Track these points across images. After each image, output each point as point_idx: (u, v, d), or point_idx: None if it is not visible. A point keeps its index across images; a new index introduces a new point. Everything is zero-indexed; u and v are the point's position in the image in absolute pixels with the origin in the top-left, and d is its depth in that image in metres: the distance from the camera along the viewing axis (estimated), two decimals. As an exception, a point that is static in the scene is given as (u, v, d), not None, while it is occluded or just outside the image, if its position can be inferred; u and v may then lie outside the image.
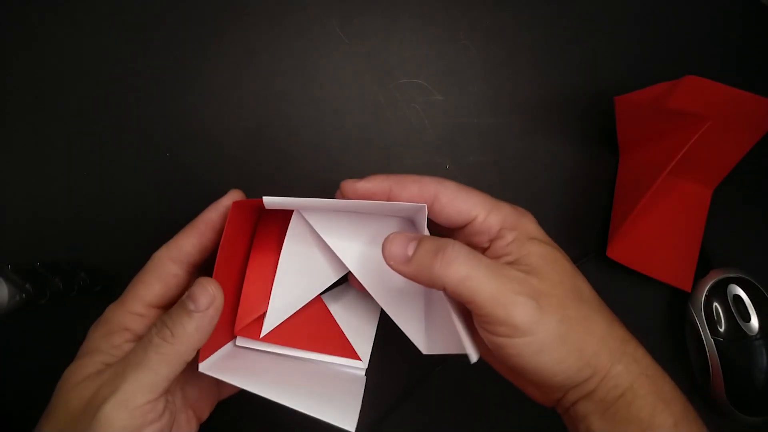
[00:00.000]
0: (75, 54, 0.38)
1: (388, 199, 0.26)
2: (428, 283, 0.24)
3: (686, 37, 0.40)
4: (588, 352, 0.24)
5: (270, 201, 0.25)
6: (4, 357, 0.36)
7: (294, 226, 0.28)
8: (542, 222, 0.38)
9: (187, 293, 0.24)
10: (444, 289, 0.24)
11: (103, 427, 0.22)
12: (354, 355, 0.30)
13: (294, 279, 0.29)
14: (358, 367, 0.30)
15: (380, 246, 0.26)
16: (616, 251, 0.36)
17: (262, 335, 0.28)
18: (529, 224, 0.26)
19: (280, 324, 0.29)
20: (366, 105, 0.38)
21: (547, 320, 0.23)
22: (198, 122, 0.38)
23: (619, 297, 0.37)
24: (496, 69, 0.39)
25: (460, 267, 0.23)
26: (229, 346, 0.28)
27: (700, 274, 0.36)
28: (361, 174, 0.38)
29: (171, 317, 0.23)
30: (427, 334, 0.28)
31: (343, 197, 0.27)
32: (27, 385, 0.32)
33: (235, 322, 0.28)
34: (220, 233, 0.27)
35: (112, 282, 0.36)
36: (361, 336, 0.31)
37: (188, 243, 0.26)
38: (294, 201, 0.26)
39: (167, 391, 0.24)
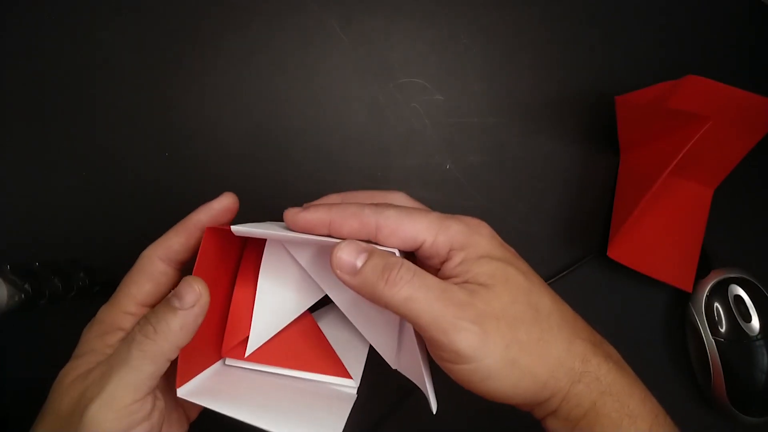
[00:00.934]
0: (75, 54, 0.38)
1: (328, 234, 0.25)
2: (371, 299, 0.23)
3: (687, 37, 0.40)
4: (542, 376, 0.23)
5: (237, 229, 0.25)
6: (2, 357, 0.36)
7: (270, 248, 0.28)
8: (542, 222, 0.39)
9: (173, 291, 0.23)
10: (387, 308, 0.23)
11: (90, 428, 0.21)
12: (345, 374, 0.29)
13: (274, 299, 0.28)
14: (349, 386, 0.29)
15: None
16: (617, 251, 0.36)
17: (246, 355, 0.28)
18: (481, 240, 0.25)
19: (271, 343, 0.29)
20: (366, 105, 0.38)
21: (492, 346, 0.22)
22: (197, 122, 0.38)
23: (619, 297, 0.38)
24: (496, 69, 0.39)
25: (403, 288, 0.22)
26: (218, 365, 0.28)
27: (701, 274, 0.36)
28: (361, 173, 0.38)
29: (155, 314, 0.23)
30: (398, 356, 0.28)
31: (292, 227, 0.26)
32: (26, 386, 0.32)
33: (222, 344, 0.28)
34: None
35: (111, 282, 0.36)
36: (354, 354, 0.31)
37: (176, 242, 0.26)
38: (259, 231, 0.25)
39: (155, 390, 0.24)
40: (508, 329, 0.23)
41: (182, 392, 0.25)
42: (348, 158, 0.38)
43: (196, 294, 0.23)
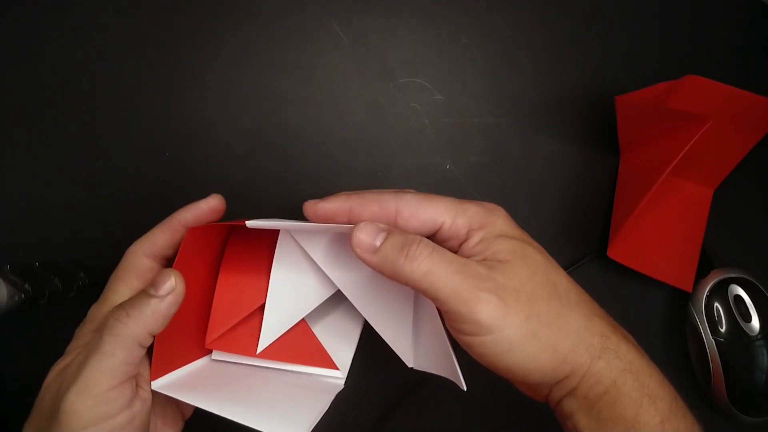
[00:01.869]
0: (75, 54, 0.38)
1: (350, 221, 0.26)
2: (392, 276, 0.24)
3: (687, 37, 0.40)
4: (563, 350, 0.23)
5: (252, 224, 0.26)
6: (2, 357, 0.36)
7: (282, 244, 0.28)
8: (543, 222, 0.39)
9: (150, 281, 0.24)
10: (407, 284, 0.24)
11: (68, 417, 0.21)
12: (331, 365, 0.30)
13: (287, 295, 0.29)
14: (336, 377, 0.30)
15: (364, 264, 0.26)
16: (617, 251, 0.36)
17: (258, 351, 0.28)
18: (498, 221, 0.26)
19: (253, 336, 0.29)
20: (366, 105, 0.38)
21: (513, 317, 0.22)
22: (197, 122, 0.38)
23: (619, 297, 0.38)
24: (496, 69, 0.39)
25: (423, 262, 0.23)
26: (204, 360, 0.29)
27: (701, 274, 0.36)
28: (361, 173, 0.38)
29: (130, 301, 0.24)
30: (415, 350, 0.29)
31: (307, 218, 0.27)
32: (26, 386, 0.32)
33: (205, 337, 0.28)
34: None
35: (112, 282, 0.36)
36: (342, 345, 0.31)
37: (161, 238, 0.27)
38: (274, 224, 0.26)
39: (136, 379, 0.24)
40: (527, 301, 0.23)
41: (157, 385, 0.25)
42: (348, 158, 0.38)
43: (171, 283, 0.23)
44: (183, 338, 0.27)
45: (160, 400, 0.26)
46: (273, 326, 0.29)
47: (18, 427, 0.28)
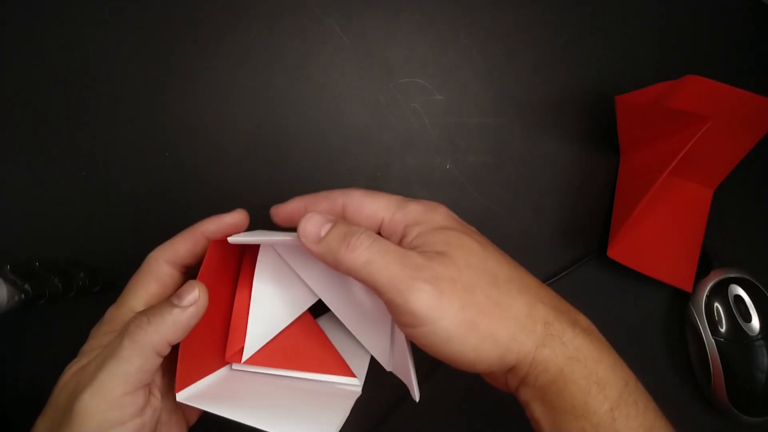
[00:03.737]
0: (75, 54, 0.38)
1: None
2: (334, 266, 0.24)
3: (687, 37, 0.40)
4: (503, 338, 0.23)
5: (233, 239, 0.27)
6: (3, 357, 0.36)
7: (263, 254, 0.29)
8: (543, 222, 0.39)
9: (176, 292, 0.24)
10: (349, 274, 0.24)
11: (81, 418, 0.22)
12: (348, 373, 0.30)
13: (269, 304, 0.29)
14: (353, 384, 0.30)
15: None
16: (617, 251, 0.36)
17: (243, 360, 0.28)
18: (437, 216, 0.26)
19: (274, 346, 0.29)
20: (366, 104, 0.38)
21: (448, 306, 0.22)
22: (197, 122, 0.38)
23: (619, 297, 0.38)
24: (496, 69, 0.39)
25: (363, 253, 0.23)
26: (224, 371, 0.29)
27: (701, 274, 0.36)
28: (361, 173, 0.38)
29: (153, 309, 0.24)
30: (391, 355, 0.29)
31: (277, 221, 0.28)
32: (26, 386, 0.32)
33: (225, 350, 0.29)
34: None
35: (111, 282, 0.36)
36: (358, 354, 0.31)
37: (183, 247, 0.27)
38: (251, 239, 0.27)
39: (149, 387, 0.24)
40: (464, 291, 0.23)
41: (182, 396, 0.25)
42: (348, 158, 0.38)
43: (195, 295, 0.24)
44: (206, 350, 0.28)
45: (166, 408, 0.26)
46: (257, 336, 0.29)
47: (18, 427, 0.28)
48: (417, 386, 0.27)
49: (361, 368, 0.31)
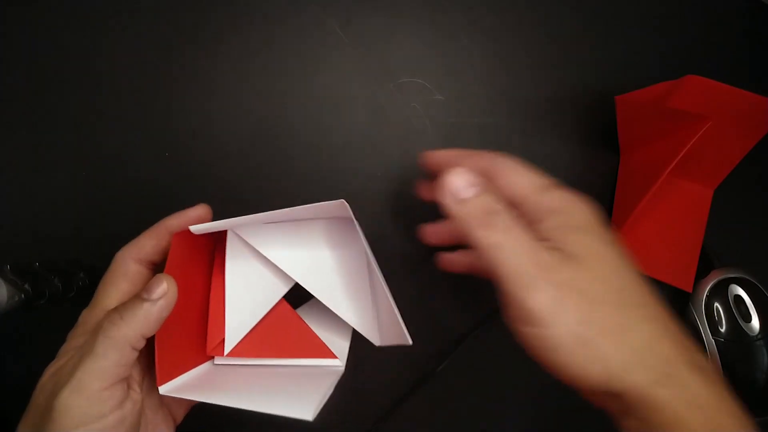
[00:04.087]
0: (75, 54, 0.38)
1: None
2: (462, 232, 0.24)
3: (687, 37, 0.40)
4: (615, 366, 0.21)
5: (195, 228, 0.27)
6: (3, 357, 0.36)
7: (231, 245, 0.29)
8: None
9: (144, 287, 0.25)
10: (473, 246, 0.23)
11: (61, 415, 0.22)
12: (329, 354, 0.30)
13: (245, 294, 0.29)
14: (336, 365, 0.31)
15: (316, 248, 0.28)
16: None
17: (225, 353, 0.29)
18: (581, 213, 0.24)
19: (254, 337, 0.30)
20: (366, 104, 0.38)
21: (565, 316, 0.21)
22: (198, 122, 0.38)
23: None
24: (496, 69, 0.39)
25: (497, 235, 0.23)
26: (207, 365, 0.30)
27: (701, 274, 0.36)
28: (361, 173, 0.38)
29: (124, 305, 0.24)
30: (379, 327, 0.30)
31: (424, 165, 0.29)
32: (26, 386, 0.32)
33: (206, 344, 0.29)
34: None
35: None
36: (337, 335, 0.32)
37: (148, 244, 0.27)
38: (219, 223, 0.27)
39: (128, 381, 0.24)
40: (587, 305, 0.22)
41: (164, 389, 0.25)
42: (348, 158, 0.38)
43: (163, 288, 0.24)
44: (186, 343, 0.28)
45: (151, 403, 0.27)
46: (236, 328, 0.29)
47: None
48: (406, 331, 0.27)
49: (342, 349, 0.31)
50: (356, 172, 0.38)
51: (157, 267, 0.28)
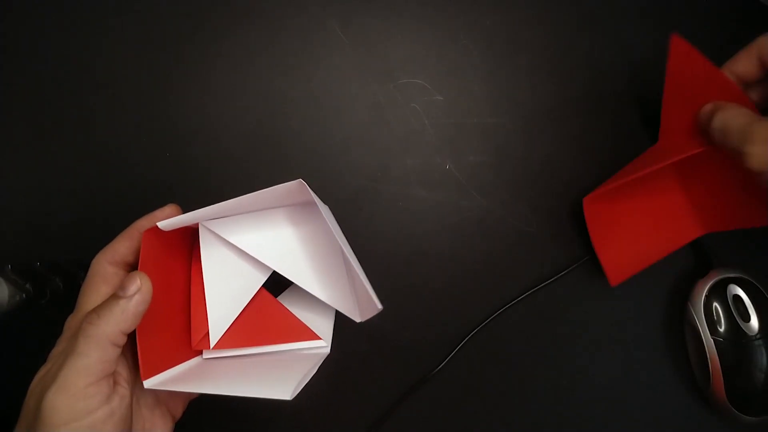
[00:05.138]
0: (75, 54, 0.38)
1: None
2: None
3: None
4: None
5: (163, 224, 0.27)
6: (3, 357, 0.36)
7: (204, 239, 0.30)
8: (542, 222, 0.39)
9: (119, 285, 0.25)
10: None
11: (50, 414, 0.23)
12: (313, 336, 0.31)
13: (224, 286, 0.30)
14: (321, 346, 0.32)
15: (285, 231, 0.30)
16: (615, 276, 0.36)
17: (212, 346, 0.30)
18: None
19: (237, 328, 0.31)
20: (366, 105, 0.38)
21: None
22: (198, 122, 0.38)
23: (618, 296, 0.38)
24: (496, 70, 0.39)
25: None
26: (197, 360, 0.30)
27: (700, 274, 0.36)
28: (361, 173, 0.38)
29: (101, 304, 0.25)
30: (358, 304, 0.31)
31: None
32: (27, 386, 0.32)
33: (191, 338, 0.30)
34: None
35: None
36: (320, 316, 0.33)
37: (122, 246, 0.28)
38: (184, 216, 0.27)
39: (114, 376, 0.25)
40: None
41: (150, 383, 0.26)
42: (348, 158, 0.38)
43: (137, 284, 0.25)
44: (171, 339, 0.29)
45: (146, 402, 0.28)
46: (219, 320, 0.30)
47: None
48: (375, 295, 0.28)
49: (327, 329, 0.32)
50: (356, 172, 0.38)
51: (132, 267, 0.29)
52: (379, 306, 0.28)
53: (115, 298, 0.25)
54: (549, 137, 0.39)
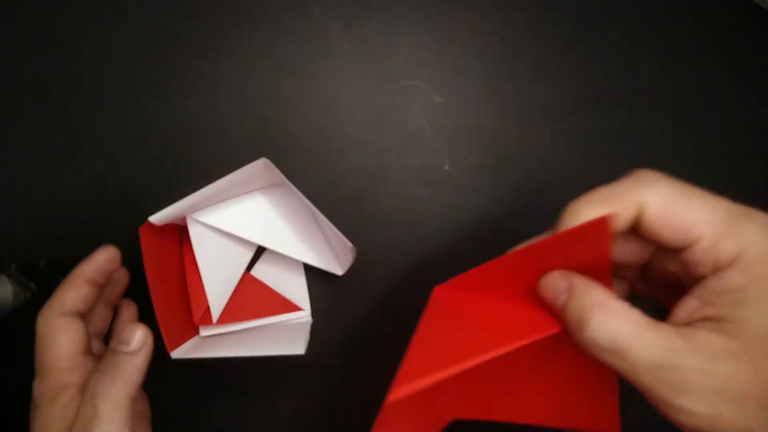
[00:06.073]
0: (77, 55, 0.39)
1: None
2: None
3: (686, 40, 0.40)
4: None
5: (155, 218, 0.29)
6: (8, 356, 0.37)
7: (192, 228, 0.32)
8: (542, 223, 0.39)
9: (116, 339, 0.25)
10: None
11: None
12: (296, 308, 0.36)
13: (217, 267, 0.34)
14: (304, 315, 0.36)
15: (261, 203, 0.34)
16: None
17: (214, 321, 0.33)
18: None
19: (232, 306, 0.34)
20: (366, 107, 0.39)
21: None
22: (199, 124, 0.38)
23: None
24: (495, 72, 0.39)
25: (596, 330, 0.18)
26: (196, 339, 0.34)
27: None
28: (361, 174, 0.38)
29: (107, 365, 0.24)
30: (337, 258, 0.35)
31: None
32: (29, 385, 0.32)
33: (192, 316, 0.33)
34: (95, 284, 0.30)
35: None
36: (296, 289, 0.37)
37: (67, 296, 0.28)
38: (173, 207, 0.30)
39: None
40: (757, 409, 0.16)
41: (176, 354, 0.30)
42: (348, 159, 0.38)
43: (139, 337, 0.25)
44: (178, 320, 0.33)
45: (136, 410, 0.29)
46: (217, 296, 0.33)
47: (20, 425, 0.29)
48: (346, 239, 0.32)
49: (303, 299, 0.37)
50: (356, 173, 0.38)
51: (83, 314, 0.29)
52: (350, 244, 0.31)
53: (124, 356, 0.24)
54: (547, 138, 0.39)
